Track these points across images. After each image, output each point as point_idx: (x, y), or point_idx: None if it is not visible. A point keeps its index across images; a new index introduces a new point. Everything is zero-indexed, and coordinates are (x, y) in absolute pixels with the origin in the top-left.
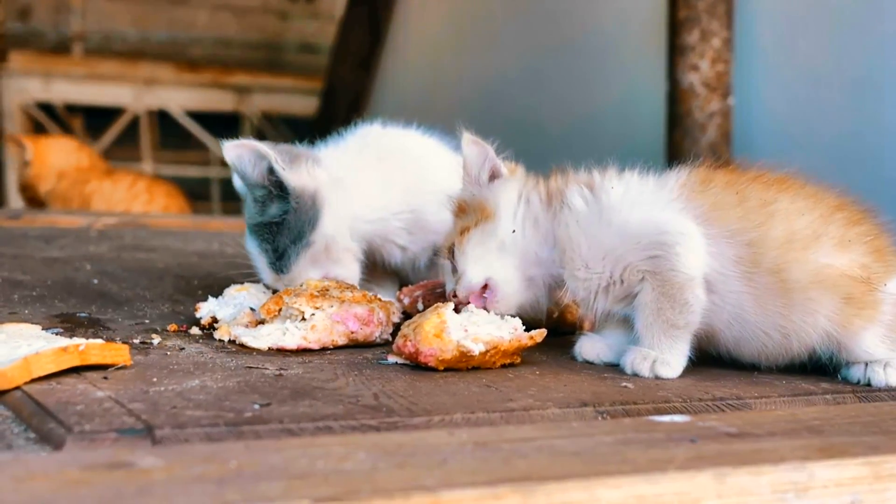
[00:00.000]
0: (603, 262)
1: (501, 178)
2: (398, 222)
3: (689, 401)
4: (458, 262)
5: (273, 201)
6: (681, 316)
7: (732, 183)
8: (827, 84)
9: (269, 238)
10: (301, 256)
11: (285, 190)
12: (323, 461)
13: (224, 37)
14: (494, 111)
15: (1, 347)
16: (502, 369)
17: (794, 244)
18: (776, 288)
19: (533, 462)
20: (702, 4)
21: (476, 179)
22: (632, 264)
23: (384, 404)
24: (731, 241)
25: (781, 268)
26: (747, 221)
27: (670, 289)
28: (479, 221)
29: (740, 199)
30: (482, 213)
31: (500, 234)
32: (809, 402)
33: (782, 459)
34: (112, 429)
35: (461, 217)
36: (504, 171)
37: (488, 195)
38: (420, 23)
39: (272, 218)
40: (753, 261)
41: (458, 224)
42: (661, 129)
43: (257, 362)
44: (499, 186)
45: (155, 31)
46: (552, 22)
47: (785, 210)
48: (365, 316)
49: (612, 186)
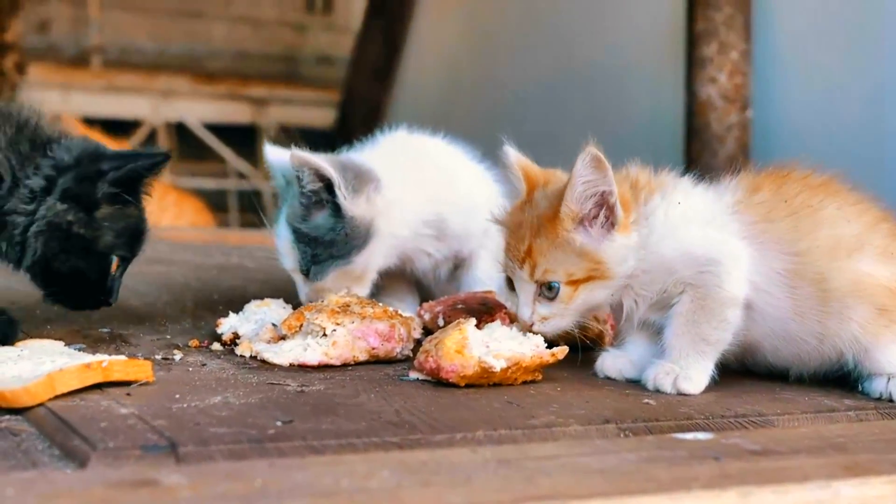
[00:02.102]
0: (662, 277)
1: (619, 228)
2: (428, 230)
3: (712, 417)
4: (555, 310)
5: (322, 212)
6: (715, 332)
7: (780, 190)
8: (845, 95)
9: (310, 243)
10: (338, 272)
11: (340, 212)
12: (347, 479)
13: (241, 49)
14: (511, 123)
15: (24, 363)
16: (523, 385)
17: (838, 251)
18: (816, 297)
19: (557, 480)
20: (720, 17)
21: (581, 211)
22: (683, 278)
23: (406, 421)
24: (780, 252)
25: (824, 276)
26: (796, 232)
27: (711, 303)
28: (591, 277)
29: (789, 209)
30: (595, 267)
31: (606, 293)
32: (832, 419)
33: (807, 478)
34: (136, 446)
35: (519, 232)
36: (621, 214)
37: (604, 249)
38: (436, 35)
39: (319, 231)
40: (798, 272)
41: (519, 239)
42: (680, 141)
43: (279, 378)
44: (617, 241)
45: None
46: (570, 34)
47: (832, 216)
48: (386, 332)
49: (678, 202)
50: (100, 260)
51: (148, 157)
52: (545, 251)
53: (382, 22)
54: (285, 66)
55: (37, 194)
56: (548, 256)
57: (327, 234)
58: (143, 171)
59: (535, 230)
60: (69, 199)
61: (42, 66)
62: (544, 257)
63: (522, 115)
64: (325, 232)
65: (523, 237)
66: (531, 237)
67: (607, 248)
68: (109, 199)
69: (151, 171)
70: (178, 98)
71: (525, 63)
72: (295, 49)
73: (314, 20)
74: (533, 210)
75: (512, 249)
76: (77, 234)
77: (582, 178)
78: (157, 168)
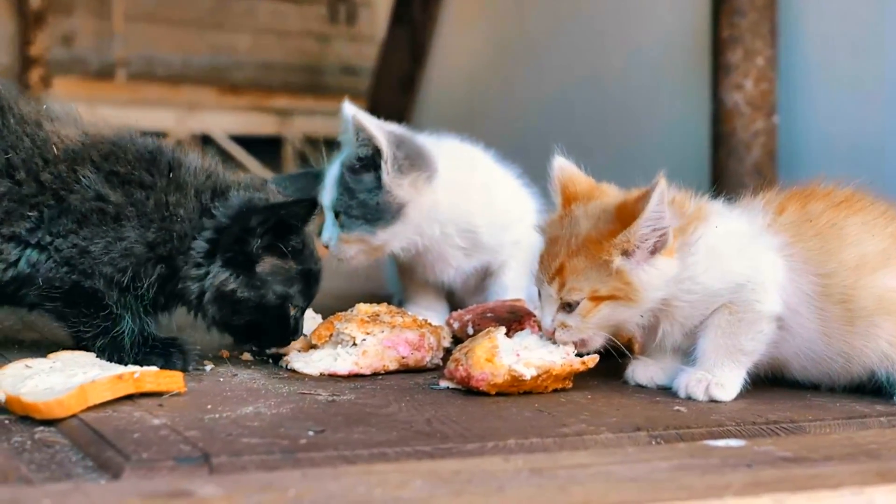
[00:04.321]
0: (706, 305)
1: (664, 252)
2: (460, 240)
3: (743, 424)
4: (573, 321)
5: (368, 174)
6: (751, 342)
7: (805, 210)
8: (872, 102)
9: (349, 193)
10: (362, 234)
11: (381, 182)
12: (380, 489)
13: (265, 60)
14: (536, 133)
15: (57, 375)
16: (554, 393)
17: (863, 269)
18: (843, 317)
19: (590, 489)
20: (745, 23)
21: (636, 244)
22: (724, 301)
23: (437, 430)
24: (808, 273)
25: (850, 296)
26: (823, 252)
27: (750, 315)
28: (615, 296)
29: (815, 229)
30: (621, 287)
31: (629, 314)
32: (864, 426)
33: (840, 485)
34: (169, 457)
35: (554, 248)
36: (671, 241)
37: (639, 273)
38: (461, 45)
39: (359, 186)
40: (825, 293)
41: (553, 255)
42: (706, 148)
43: (310, 388)
44: (657, 265)
45: (197, 56)
46: (594, 43)
47: (856, 234)
48: (416, 341)
49: (716, 226)
50: (274, 310)
51: (294, 206)
52: (578, 271)
53: (406, 31)
54: (310, 77)
55: (203, 259)
56: (579, 276)
57: (365, 195)
58: (290, 220)
59: (571, 249)
60: (229, 264)
61: (67, 79)
62: (575, 276)
63: (546, 123)
64: (364, 192)
65: (557, 254)
66: (566, 256)
67: (642, 274)
68: (269, 251)
69: (301, 220)
70: (203, 110)
71: (549, 71)
72: (319, 60)
73: (338, 30)
74: (571, 227)
75: (544, 263)
76: (243, 298)
77: (653, 215)
78: (306, 215)
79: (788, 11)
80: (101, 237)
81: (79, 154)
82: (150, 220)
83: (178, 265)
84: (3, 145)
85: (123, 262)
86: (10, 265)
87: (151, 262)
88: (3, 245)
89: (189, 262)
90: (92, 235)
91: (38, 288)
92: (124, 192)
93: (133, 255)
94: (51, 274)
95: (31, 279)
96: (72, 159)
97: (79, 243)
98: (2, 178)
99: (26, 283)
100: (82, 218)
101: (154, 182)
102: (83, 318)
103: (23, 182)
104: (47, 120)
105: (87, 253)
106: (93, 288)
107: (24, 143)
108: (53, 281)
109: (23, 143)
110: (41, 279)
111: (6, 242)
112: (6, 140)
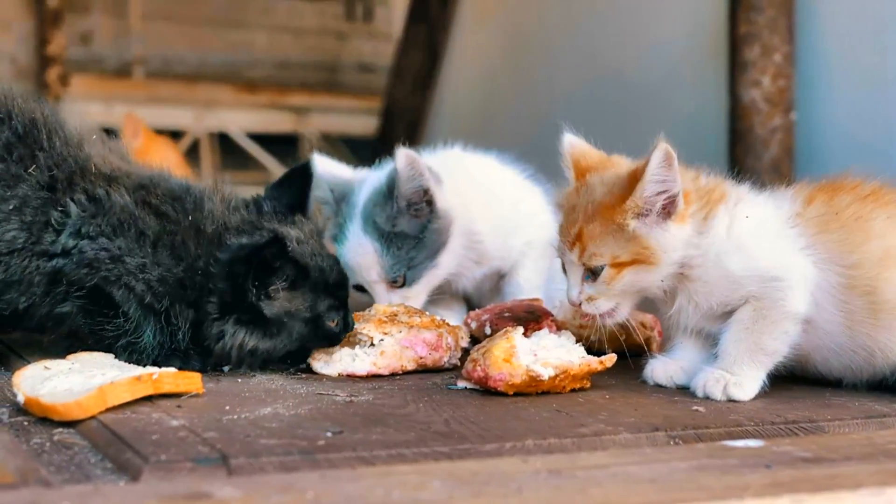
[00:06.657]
0: (725, 291)
1: (675, 217)
2: (467, 251)
3: (762, 424)
4: (599, 290)
5: (408, 217)
6: (774, 342)
7: (832, 202)
8: (890, 98)
9: (406, 245)
10: (429, 275)
11: (433, 209)
12: (399, 490)
13: (282, 58)
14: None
15: (75, 377)
16: (572, 393)
17: (887, 262)
18: (867, 310)
19: (609, 490)
20: (762, 20)
21: (646, 206)
22: (748, 293)
23: (455, 430)
24: (833, 265)
25: (874, 288)
26: (848, 245)
27: (775, 314)
28: (637, 261)
29: (840, 221)
30: (640, 251)
31: (652, 278)
32: (883, 425)
33: (860, 485)
34: (188, 458)
35: (572, 216)
36: (682, 205)
37: (655, 235)
38: (477, 43)
39: (414, 230)
40: (849, 285)
41: (571, 222)
42: (724, 145)
43: (327, 389)
44: (670, 231)
45: (214, 54)
46: (611, 40)
47: (882, 227)
48: (433, 341)
49: (746, 216)
50: (309, 334)
51: (271, 243)
52: (596, 236)
53: (423, 29)
54: (326, 75)
55: (218, 317)
56: (597, 241)
57: (422, 233)
58: (273, 259)
59: (588, 215)
60: (240, 323)
61: (85, 77)
62: (594, 242)
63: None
64: (420, 230)
65: (575, 221)
66: (583, 221)
67: (658, 236)
68: (270, 290)
69: (283, 254)
70: (221, 108)
71: (566, 68)
72: (336, 57)
73: (355, 28)
74: (588, 195)
75: (563, 232)
76: (267, 349)
77: (655, 176)
78: (272, 250)
79: (806, 8)
80: (137, 254)
81: (115, 178)
82: (179, 258)
83: (202, 318)
84: (50, 163)
85: (160, 287)
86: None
87: (184, 302)
88: (38, 261)
89: (208, 319)
90: (128, 249)
91: (64, 290)
92: (157, 221)
93: (168, 285)
94: (74, 277)
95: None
96: (108, 179)
97: (111, 249)
98: (42, 190)
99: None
100: (119, 226)
101: (179, 220)
102: (104, 319)
103: (57, 190)
104: (90, 144)
105: (119, 261)
106: (113, 294)
107: (67, 163)
108: (75, 282)
109: (66, 163)
110: (65, 279)
111: (39, 259)
112: (52, 158)
